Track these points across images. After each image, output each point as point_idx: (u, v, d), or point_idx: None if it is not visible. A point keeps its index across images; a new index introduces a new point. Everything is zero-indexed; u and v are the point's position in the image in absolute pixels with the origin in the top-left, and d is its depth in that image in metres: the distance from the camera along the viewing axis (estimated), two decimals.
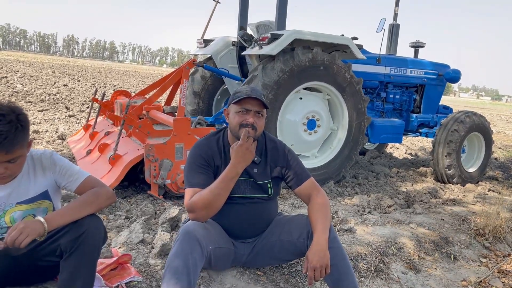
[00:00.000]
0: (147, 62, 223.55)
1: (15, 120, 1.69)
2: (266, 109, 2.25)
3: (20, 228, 1.62)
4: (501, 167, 7.57)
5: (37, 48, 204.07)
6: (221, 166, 2.23)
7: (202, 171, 2.18)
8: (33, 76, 18.71)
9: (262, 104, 2.19)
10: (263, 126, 2.25)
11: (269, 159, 2.33)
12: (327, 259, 2.01)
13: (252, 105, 2.17)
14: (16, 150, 1.71)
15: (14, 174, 1.81)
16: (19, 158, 1.76)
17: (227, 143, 2.30)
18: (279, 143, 2.40)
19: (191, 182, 2.16)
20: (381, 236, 3.25)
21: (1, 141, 1.63)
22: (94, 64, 53.79)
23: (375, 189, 5.22)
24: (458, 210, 4.18)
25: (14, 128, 1.67)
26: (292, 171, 2.33)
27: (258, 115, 2.20)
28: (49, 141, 6.21)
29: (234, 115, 2.20)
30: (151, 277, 2.31)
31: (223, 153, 2.27)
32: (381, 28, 5.56)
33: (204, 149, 2.25)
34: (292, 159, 2.36)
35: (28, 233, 1.61)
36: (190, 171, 2.19)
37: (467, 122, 5.72)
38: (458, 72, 6.59)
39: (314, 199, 2.26)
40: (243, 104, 2.17)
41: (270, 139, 2.40)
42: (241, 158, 2.07)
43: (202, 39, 5.87)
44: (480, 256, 3.40)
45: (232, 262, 2.36)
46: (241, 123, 2.16)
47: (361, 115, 5.13)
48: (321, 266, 1.98)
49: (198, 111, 6.14)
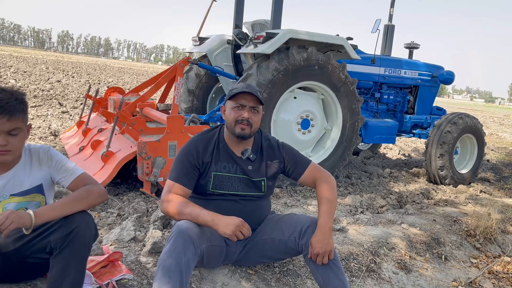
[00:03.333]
0: (142, 59, 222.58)
1: (16, 94, 1.78)
2: (262, 106, 2.26)
3: (7, 214, 1.62)
4: (493, 168, 7.62)
5: (31, 44, 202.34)
6: (211, 162, 2.25)
7: (188, 171, 2.20)
8: (26, 71, 18.56)
9: (257, 100, 2.20)
10: (259, 122, 2.26)
11: (265, 156, 2.35)
12: (331, 245, 2.05)
13: (247, 100, 2.19)
14: (17, 119, 1.75)
15: (14, 151, 1.79)
16: (20, 133, 1.78)
17: (222, 140, 2.32)
18: (272, 139, 2.43)
19: (175, 176, 2.20)
20: (373, 236, 3.27)
21: (3, 105, 1.70)
22: (89, 61, 53.48)
23: (368, 189, 5.23)
24: (450, 211, 4.20)
25: (14, 98, 1.75)
26: (291, 162, 2.36)
27: (254, 110, 2.21)
28: (41, 137, 6.17)
29: (230, 111, 2.23)
30: (142, 274, 2.31)
31: (216, 149, 2.28)
32: (376, 29, 5.58)
33: (196, 146, 2.27)
34: (288, 151, 2.39)
35: (12, 219, 1.61)
36: (178, 165, 2.22)
37: (460, 124, 5.75)
38: (452, 74, 6.63)
39: (320, 183, 2.29)
40: (238, 100, 2.19)
41: (265, 137, 2.42)
42: (226, 226, 2.01)
43: (198, 36, 5.85)
44: (471, 257, 3.42)
45: (224, 259, 2.36)
46: (237, 119, 2.19)
47: (355, 115, 5.14)
48: (324, 252, 2.03)
49: (192, 109, 6.13)
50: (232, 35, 5.57)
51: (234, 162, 2.29)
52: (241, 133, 2.21)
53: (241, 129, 2.20)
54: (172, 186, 2.18)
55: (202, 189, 2.26)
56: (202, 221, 2.03)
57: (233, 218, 2.03)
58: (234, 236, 1.99)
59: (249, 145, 2.34)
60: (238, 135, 2.22)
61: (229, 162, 2.28)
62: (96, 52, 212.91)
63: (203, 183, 2.25)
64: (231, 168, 2.28)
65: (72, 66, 30.25)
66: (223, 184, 2.26)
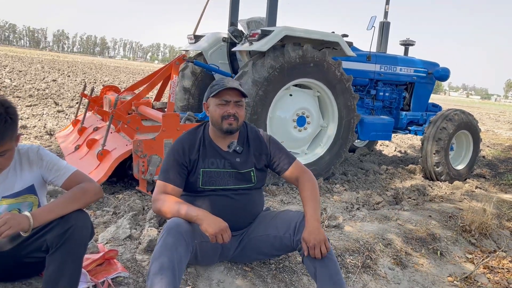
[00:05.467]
0: (138, 58, 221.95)
1: (4, 113, 1.67)
2: (245, 98, 2.28)
3: (5, 219, 1.61)
4: (488, 165, 7.65)
5: (27, 43, 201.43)
6: (198, 160, 2.26)
7: (177, 169, 2.22)
8: (22, 71, 18.48)
9: (240, 94, 2.22)
10: (243, 116, 2.29)
11: (252, 148, 2.36)
12: (322, 234, 2.06)
13: (231, 95, 2.21)
14: (5, 143, 1.69)
15: (2, 168, 1.79)
16: (8, 152, 1.75)
17: (207, 136, 2.33)
18: (261, 132, 2.45)
19: (165, 176, 2.21)
20: (369, 232, 3.28)
21: None
22: (85, 60, 53.30)
23: (364, 186, 5.25)
24: (446, 207, 4.22)
25: (3, 121, 1.66)
26: (277, 157, 2.38)
27: (238, 105, 2.23)
28: (37, 136, 6.15)
29: (215, 108, 2.24)
30: (137, 272, 2.30)
31: (202, 146, 2.30)
32: (372, 26, 5.59)
33: (182, 144, 2.28)
34: (275, 145, 2.41)
35: (11, 225, 1.61)
36: (168, 165, 2.24)
37: (455, 120, 5.77)
38: (447, 71, 6.64)
39: (302, 181, 2.31)
40: (222, 96, 2.21)
41: (251, 129, 2.44)
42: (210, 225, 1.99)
43: (193, 34, 5.84)
44: (466, 252, 3.44)
45: (220, 257, 2.36)
46: (223, 115, 2.21)
47: (351, 112, 5.15)
48: (319, 242, 2.03)
49: (188, 107, 6.12)
50: (227, 33, 5.56)
51: (221, 157, 2.30)
52: (229, 128, 2.22)
53: (228, 124, 2.21)
54: (162, 186, 2.19)
55: (192, 186, 2.27)
56: (189, 217, 2.03)
57: (220, 220, 2.01)
58: (214, 236, 1.97)
59: (234, 138, 2.35)
60: (226, 131, 2.24)
61: (217, 157, 2.29)
62: (92, 51, 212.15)
63: (192, 181, 2.26)
64: (219, 164, 2.29)
65: (68, 65, 30.13)
66: (212, 179, 2.26)
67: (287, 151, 2.43)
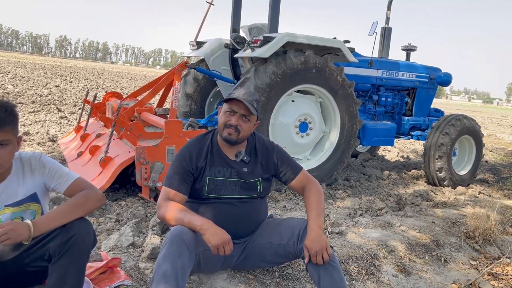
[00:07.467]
0: (140, 63, 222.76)
1: (4, 105, 1.73)
2: (255, 116, 2.25)
3: (7, 229, 1.61)
4: (491, 169, 7.63)
5: (29, 49, 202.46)
6: (205, 167, 2.25)
7: (183, 176, 2.20)
8: (24, 77, 18.55)
9: (249, 110, 2.19)
10: (249, 130, 2.26)
11: (259, 157, 2.36)
12: (325, 241, 2.05)
13: (239, 107, 2.20)
14: (7, 130, 1.71)
15: (3, 164, 1.76)
16: (9, 144, 1.74)
17: (215, 144, 2.32)
18: (268, 142, 2.44)
19: (171, 183, 2.20)
20: (372, 239, 3.26)
21: None
22: (87, 65, 53.50)
23: (367, 192, 5.23)
24: (449, 213, 4.20)
25: (3, 109, 1.71)
26: (284, 167, 2.38)
27: (244, 118, 2.21)
28: (39, 142, 6.16)
29: (222, 114, 2.25)
30: (140, 280, 2.30)
31: (209, 154, 2.29)
32: (373, 31, 5.59)
33: (190, 151, 2.27)
34: (283, 155, 2.41)
35: (10, 236, 1.61)
36: (174, 171, 2.23)
37: (458, 125, 5.76)
38: (449, 76, 6.64)
39: (308, 191, 2.32)
40: (231, 105, 2.21)
41: (259, 138, 2.44)
42: (213, 236, 1.98)
43: (195, 41, 5.86)
44: (470, 259, 3.41)
45: (222, 264, 2.35)
46: (225, 123, 2.21)
47: (353, 118, 5.14)
48: (321, 249, 2.02)
49: (190, 113, 6.13)
50: (229, 39, 5.57)
51: (228, 166, 2.29)
52: (227, 137, 2.21)
53: (227, 134, 2.20)
54: (167, 192, 2.18)
55: (197, 193, 2.26)
56: (193, 226, 2.02)
57: (223, 232, 2.00)
58: (216, 248, 1.96)
59: (242, 147, 2.34)
60: (224, 139, 2.24)
61: (224, 166, 2.28)
62: (94, 57, 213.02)
63: (198, 188, 2.25)
64: (225, 172, 2.28)
65: (70, 71, 30.25)
66: (218, 188, 2.25)
67: (294, 161, 2.43)
